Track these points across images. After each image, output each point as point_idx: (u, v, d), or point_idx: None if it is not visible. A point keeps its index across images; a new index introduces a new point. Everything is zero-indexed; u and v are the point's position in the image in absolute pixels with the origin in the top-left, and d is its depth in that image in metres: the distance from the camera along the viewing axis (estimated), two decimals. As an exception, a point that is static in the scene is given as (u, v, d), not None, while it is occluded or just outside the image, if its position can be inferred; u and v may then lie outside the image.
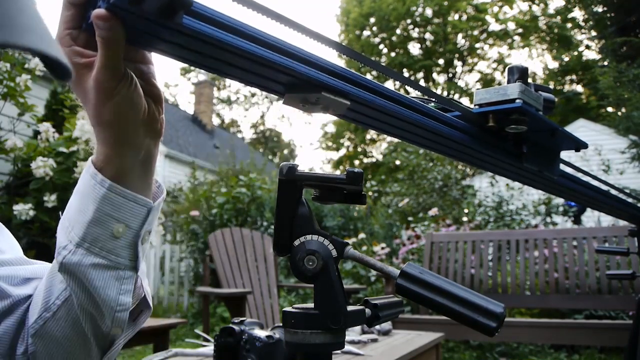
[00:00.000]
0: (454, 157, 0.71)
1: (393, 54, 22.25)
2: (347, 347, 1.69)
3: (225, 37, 0.40)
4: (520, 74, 0.61)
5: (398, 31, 22.03)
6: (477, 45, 22.09)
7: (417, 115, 0.58)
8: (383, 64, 0.61)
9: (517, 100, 0.59)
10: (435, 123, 0.60)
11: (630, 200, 1.11)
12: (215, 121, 27.11)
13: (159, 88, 0.56)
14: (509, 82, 0.62)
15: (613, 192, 1.02)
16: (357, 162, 22.59)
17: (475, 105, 0.63)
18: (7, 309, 0.61)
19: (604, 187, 0.97)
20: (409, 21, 21.89)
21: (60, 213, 0.59)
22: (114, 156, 0.53)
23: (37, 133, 3.70)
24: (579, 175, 0.88)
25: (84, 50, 0.49)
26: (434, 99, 0.62)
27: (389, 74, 0.54)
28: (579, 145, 0.73)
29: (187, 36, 0.39)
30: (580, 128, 10.95)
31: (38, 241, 3.46)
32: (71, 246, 0.54)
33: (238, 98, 30.27)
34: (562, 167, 0.81)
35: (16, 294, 0.61)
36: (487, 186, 7.01)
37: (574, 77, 19.97)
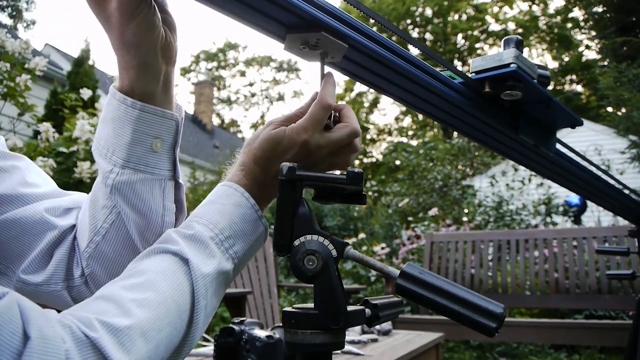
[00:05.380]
0: (452, 125, 0.71)
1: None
2: (347, 347, 1.68)
3: None
4: (515, 43, 0.62)
5: (398, 31, 22.01)
6: (477, 45, 22.07)
7: (417, 72, 0.57)
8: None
9: (512, 65, 0.59)
10: (435, 82, 0.59)
11: (634, 196, 1.10)
12: (215, 121, 27.10)
13: (173, 17, 0.60)
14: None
15: (612, 183, 1.00)
16: (357, 162, 22.56)
17: (471, 73, 0.63)
18: (57, 240, 0.66)
19: (605, 181, 0.96)
20: (409, 21, 21.88)
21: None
22: (138, 79, 0.58)
23: (37, 133, 3.70)
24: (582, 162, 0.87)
25: None
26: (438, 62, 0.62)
27: (390, 27, 0.53)
28: (574, 121, 0.73)
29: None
30: (580, 128, 10.93)
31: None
32: (117, 169, 0.60)
33: (238, 98, 30.24)
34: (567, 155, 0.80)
35: (61, 225, 0.66)
36: (487, 186, 7.00)
37: (574, 77, 19.96)
